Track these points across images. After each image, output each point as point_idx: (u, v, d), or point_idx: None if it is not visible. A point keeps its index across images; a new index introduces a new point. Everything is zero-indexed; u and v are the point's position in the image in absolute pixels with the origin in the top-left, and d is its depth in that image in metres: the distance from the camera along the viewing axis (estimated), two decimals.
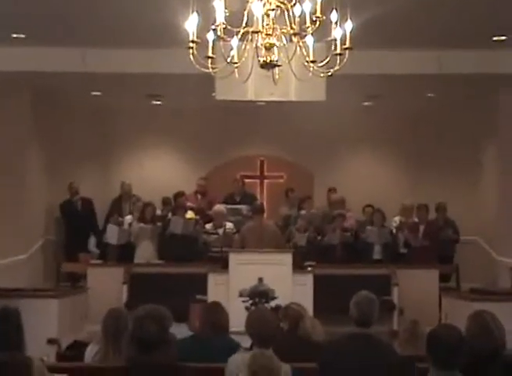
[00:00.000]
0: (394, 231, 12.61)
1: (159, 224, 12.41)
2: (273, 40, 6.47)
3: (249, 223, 11.61)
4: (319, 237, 12.34)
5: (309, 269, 11.12)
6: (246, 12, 6.45)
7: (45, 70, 11.47)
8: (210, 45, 6.51)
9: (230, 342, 5.93)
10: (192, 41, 6.41)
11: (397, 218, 12.98)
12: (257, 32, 6.42)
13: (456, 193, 13.82)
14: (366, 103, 14.21)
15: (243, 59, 6.65)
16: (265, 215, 12.01)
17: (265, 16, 6.41)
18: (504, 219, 12.65)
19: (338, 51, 6.46)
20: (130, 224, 12.51)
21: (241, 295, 8.37)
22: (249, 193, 14.16)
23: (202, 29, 6.49)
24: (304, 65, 6.66)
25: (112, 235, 12.43)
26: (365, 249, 12.26)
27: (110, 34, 10.63)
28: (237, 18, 6.51)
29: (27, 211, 12.70)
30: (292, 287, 10.30)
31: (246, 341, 5.79)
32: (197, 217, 12.52)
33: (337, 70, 6.62)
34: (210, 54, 6.53)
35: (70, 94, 13.21)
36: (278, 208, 13.69)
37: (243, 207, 13.08)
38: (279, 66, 6.67)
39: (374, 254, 12.23)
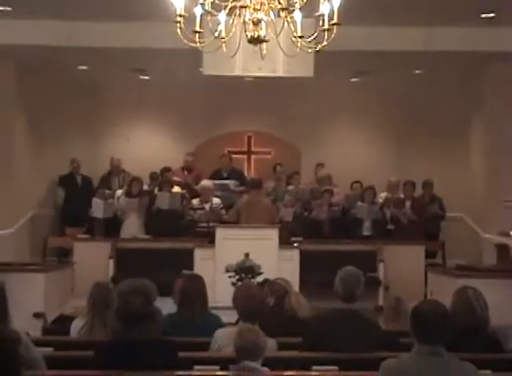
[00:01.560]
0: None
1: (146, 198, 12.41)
2: (261, 15, 6.43)
3: (245, 197, 11.68)
4: (306, 213, 12.36)
5: (296, 244, 11.16)
6: None
7: (31, 44, 11.39)
8: (198, 19, 6.46)
9: (213, 317, 5.97)
10: (180, 16, 6.37)
11: (383, 195, 13.01)
12: (244, 7, 6.39)
13: (443, 169, 13.87)
14: (354, 80, 14.18)
15: (231, 34, 6.62)
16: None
17: None
18: (490, 197, 12.72)
19: (326, 27, 6.42)
20: (118, 198, 12.50)
21: (227, 271, 8.38)
22: (236, 168, 14.14)
23: (190, 3, 6.45)
24: (292, 40, 6.64)
25: (97, 209, 12.41)
26: (355, 225, 12.28)
27: (97, 7, 10.56)
28: None
29: (15, 186, 12.67)
30: (278, 262, 10.36)
31: (232, 316, 5.82)
32: (184, 191, 12.52)
33: (325, 45, 6.60)
34: (197, 28, 6.49)
35: (57, 68, 13.12)
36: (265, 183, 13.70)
37: (231, 183, 13.09)
38: (266, 41, 6.64)
39: (364, 231, 12.25)
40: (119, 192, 12.71)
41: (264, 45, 6.78)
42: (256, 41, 6.55)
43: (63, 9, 10.63)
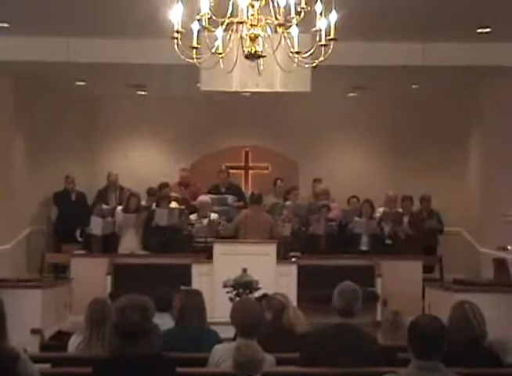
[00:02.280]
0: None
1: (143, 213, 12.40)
2: (258, 30, 6.45)
3: (244, 211, 11.70)
4: (303, 228, 12.36)
5: (293, 259, 11.16)
6: (231, 3, 6.44)
7: (28, 60, 11.41)
8: (195, 35, 6.49)
9: (211, 333, 5.96)
10: (177, 32, 6.39)
11: (381, 209, 13.01)
12: (242, 22, 6.41)
13: (440, 184, 13.88)
14: (351, 94, 14.23)
15: (228, 49, 6.65)
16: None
17: (250, 7, 6.40)
18: (488, 211, 12.73)
19: (323, 42, 6.44)
20: (114, 212, 12.48)
21: (225, 286, 8.36)
22: (234, 183, 14.15)
23: (187, 19, 6.48)
24: (289, 56, 6.67)
25: (96, 226, 12.40)
26: (352, 240, 12.27)
27: (95, 23, 10.60)
28: (222, 8, 6.49)
29: (12, 202, 12.66)
30: (276, 277, 10.34)
31: (230, 332, 5.81)
32: (182, 206, 12.52)
33: (322, 61, 6.62)
34: (195, 44, 6.51)
35: (55, 84, 13.16)
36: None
37: (229, 197, 13.10)
38: (263, 56, 6.66)
39: (361, 246, 12.24)
40: (119, 209, 12.68)
41: (261, 60, 6.80)
42: (253, 56, 6.58)
43: (60, 25, 10.66)
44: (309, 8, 6.34)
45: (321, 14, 6.44)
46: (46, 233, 13.81)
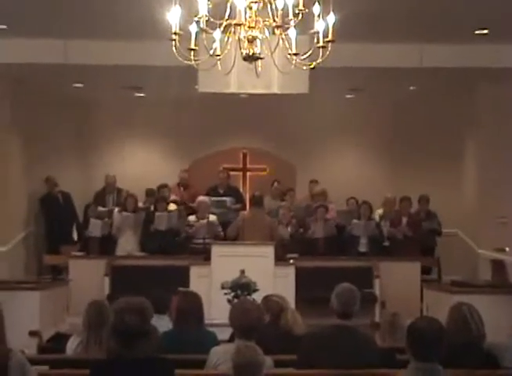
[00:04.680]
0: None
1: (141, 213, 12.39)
2: (256, 32, 6.46)
3: (245, 213, 11.72)
4: (301, 230, 12.36)
5: (291, 261, 11.16)
6: (228, 5, 6.44)
7: (26, 62, 11.40)
8: (193, 37, 6.49)
9: (209, 334, 5.96)
10: (175, 33, 6.40)
11: (380, 211, 13.02)
12: (239, 24, 6.41)
13: (437, 185, 13.86)
14: (349, 96, 14.23)
15: (226, 51, 6.65)
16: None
17: (248, 9, 6.40)
18: (485, 212, 12.73)
19: (321, 44, 6.46)
20: (111, 214, 12.47)
21: (223, 288, 8.36)
22: (233, 185, 14.14)
23: (185, 21, 6.48)
24: (287, 58, 6.68)
25: (95, 229, 12.39)
26: (351, 242, 12.26)
27: (92, 25, 10.58)
28: (220, 10, 6.49)
29: (8, 204, 12.64)
30: (274, 279, 10.34)
31: (228, 333, 5.81)
32: (181, 207, 12.50)
33: (320, 62, 6.63)
34: (192, 46, 6.51)
35: (52, 86, 13.14)
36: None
37: (228, 200, 13.08)
38: (261, 58, 6.67)
39: (360, 247, 12.23)
40: (117, 210, 12.66)
41: (259, 62, 6.80)
42: (251, 58, 6.58)
43: (57, 27, 10.65)
44: (307, 10, 6.34)
45: (319, 16, 6.45)
46: (43, 234, 13.78)
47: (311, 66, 6.80)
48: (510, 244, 11.78)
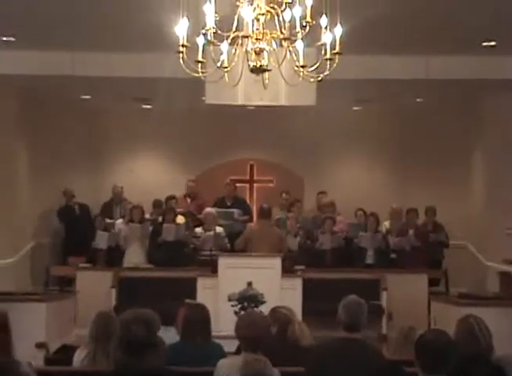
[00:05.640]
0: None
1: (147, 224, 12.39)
2: (263, 44, 6.48)
3: (253, 225, 11.70)
4: (309, 242, 12.33)
5: (298, 273, 11.14)
6: (236, 17, 6.46)
7: (34, 74, 11.44)
8: (201, 49, 6.51)
9: (216, 347, 5.94)
10: (183, 46, 6.41)
11: (387, 223, 12.99)
12: (247, 37, 6.43)
13: (444, 197, 13.84)
14: (356, 108, 14.24)
15: (233, 63, 6.67)
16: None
17: (255, 21, 6.42)
18: (492, 224, 12.70)
19: (328, 56, 6.47)
20: (120, 230, 12.46)
21: (230, 300, 8.35)
22: (240, 197, 14.14)
23: (192, 33, 6.50)
24: (294, 70, 6.68)
25: (101, 240, 12.40)
26: (358, 254, 12.22)
27: (100, 37, 10.62)
28: (227, 22, 6.51)
29: (16, 215, 12.67)
30: (281, 291, 10.32)
31: (235, 345, 5.79)
32: (188, 220, 12.50)
33: (327, 74, 6.63)
34: (200, 58, 6.53)
35: (60, 98, 13.20)
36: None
37: (235, 211, 13.07)
38: (268, 70, 6.68)
39: (367, 259, 12.19)
40: (118, 222, 12.68)
41: (266, 74, 6.81)
42: (258, 70, 6.60)
43: (65, 39, 10.69)
44: (314, 22, 6.35)
45: (326, 28, 6.46)
46: (51, 246, 13.79)
47: (319, 79, 6.81)
48: None
